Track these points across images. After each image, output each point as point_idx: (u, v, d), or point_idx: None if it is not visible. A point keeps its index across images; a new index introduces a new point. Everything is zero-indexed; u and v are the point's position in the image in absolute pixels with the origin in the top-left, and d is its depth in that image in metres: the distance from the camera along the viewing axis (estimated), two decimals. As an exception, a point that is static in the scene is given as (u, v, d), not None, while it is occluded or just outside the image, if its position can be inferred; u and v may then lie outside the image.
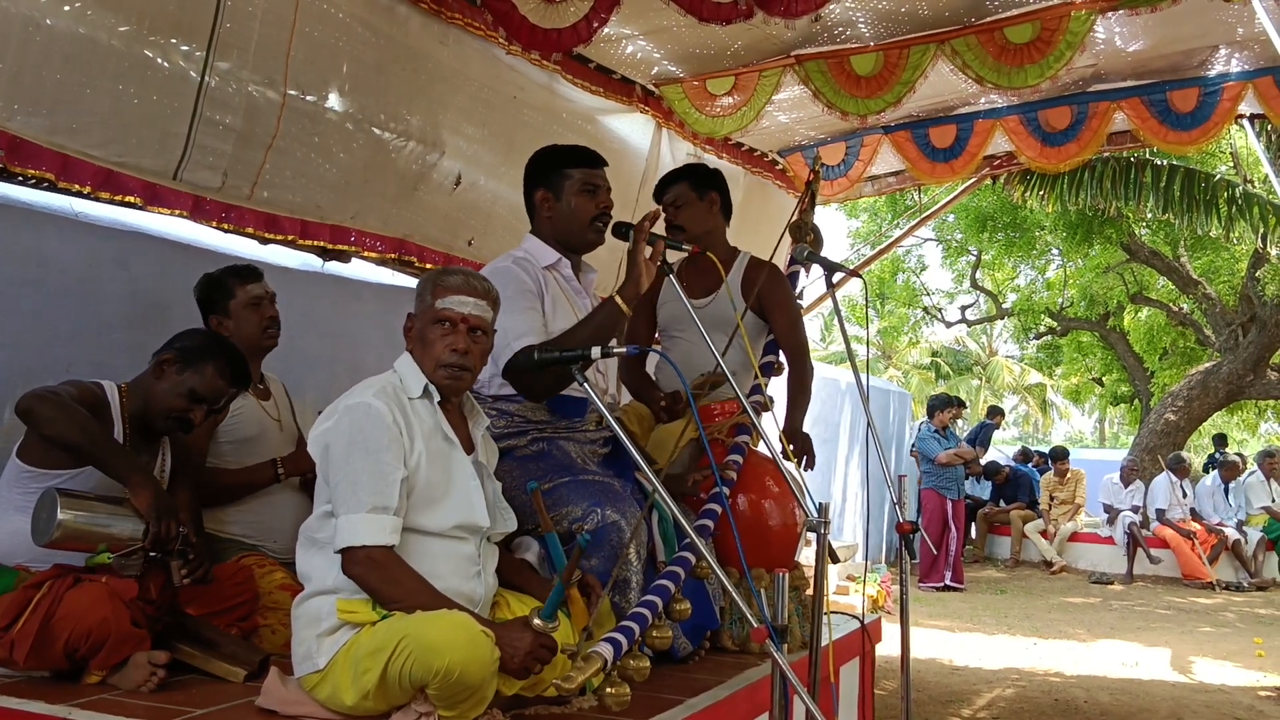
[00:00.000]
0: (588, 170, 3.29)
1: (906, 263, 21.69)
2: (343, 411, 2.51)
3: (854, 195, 7.58)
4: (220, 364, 3.00)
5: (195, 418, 3.01)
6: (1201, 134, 6.06)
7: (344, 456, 2.46)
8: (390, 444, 2.47)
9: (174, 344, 3.03)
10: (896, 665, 3.22)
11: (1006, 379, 31.55)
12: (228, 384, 3.03)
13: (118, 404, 2.95)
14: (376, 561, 2.40)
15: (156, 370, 2.99)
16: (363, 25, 4.26)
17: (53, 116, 3.40)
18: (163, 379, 2.97)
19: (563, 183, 3.27)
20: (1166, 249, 14.58)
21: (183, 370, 2.97)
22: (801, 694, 2.04)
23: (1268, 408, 20.50)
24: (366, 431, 2.46)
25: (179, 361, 2.98)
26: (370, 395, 2.52)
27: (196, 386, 2.96)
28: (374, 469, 2.44)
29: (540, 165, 3.33)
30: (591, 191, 3.28)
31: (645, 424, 3.77)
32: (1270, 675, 6.83)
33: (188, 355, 2.98)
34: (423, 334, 2.65)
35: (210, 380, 2.98)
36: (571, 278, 3.32)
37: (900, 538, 3.09)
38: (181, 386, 2.96)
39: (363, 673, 2.33)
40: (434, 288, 2.66)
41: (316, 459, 2.54)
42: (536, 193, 3.30)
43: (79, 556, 2.79)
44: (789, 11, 4.12)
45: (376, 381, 2.60)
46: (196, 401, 2.98)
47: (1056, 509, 13.05)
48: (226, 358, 3.03)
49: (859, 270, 6.79)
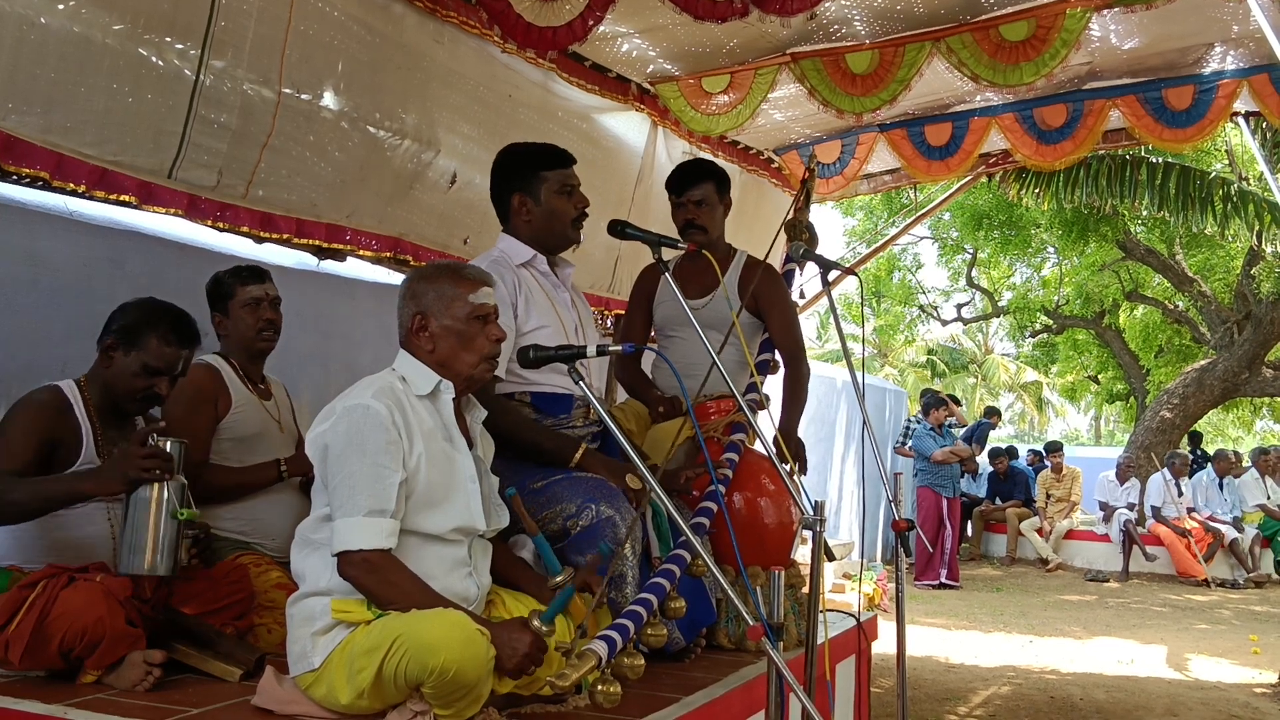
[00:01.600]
0: (562, 171, 3.31)
1: (902, 261, 21.68)
2: (341, 413, 2.49)
3: (850, 193, 7.58)
4: (161, 332, 2.93)
5: (160, 388, 2.95)
6: (1197, 131, 6.07)
7: (341, 458, 2.44)
8: (388, 446, 2.45)
9: (111, 326, 2.97)
10: (892, 663, 3.22)
11: (1002, 377, 31.59)
12: (178, 347, 2.95)
13: (80, 401, 2.92)
14: (373, 564, 2.40)
15: (104, 358, 2.95)
16: (358, 23, 4.25)
17: (47, 115, 3.39)
18: (112, 364, 2.93)
19: (539, 186, 3.28)
20: (1162, 247, 14.59)
21: (128, 350, 2.92)
22: (797, 692, 2.04)
23: (1263, 405, 20.54)
24: (364, 433, 2.44)
25: (121, 344, 2.92)
26: (369, 396, 2.49)
27: (148, 361, 2.91)
28: (372, 472, 2.42)
29: (511, 167, 3.34)
30: (569, 193, 3.31)
31: (642, 422, 3.77)
32: (1266, 672, 6.84)
33: (127, 334, 2.92)
34: (458, 331, 2.62)
35: (157, 351, 2.92)
36: (548, 272, 3.35)
37: (896, 535, 3.09)
38: (133, 366, 2.91)
39: (358, 671, 2.33)
40: (457, 283, 2.64)
41: (314, 460, 2.52)
42: (513, 196, 3.32)
43: (74, 556, 2.80)
44: (784, 9, 4.12)
45: (375, 381, 2.57)
46: (154, 375, 2.92)
47: (1052, 507, 13.07)
48: (167, 323, 2.95)
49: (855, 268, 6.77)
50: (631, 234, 3.25)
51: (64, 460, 2.86)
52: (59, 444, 2.86)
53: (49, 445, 2.84)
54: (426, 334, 2.64)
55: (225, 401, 3.46)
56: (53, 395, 2.90)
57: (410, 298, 2.67)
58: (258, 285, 3.58)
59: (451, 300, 2.63)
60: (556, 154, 3.34)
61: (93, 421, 2.92)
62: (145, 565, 2.62)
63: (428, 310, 2.64)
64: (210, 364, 3.49)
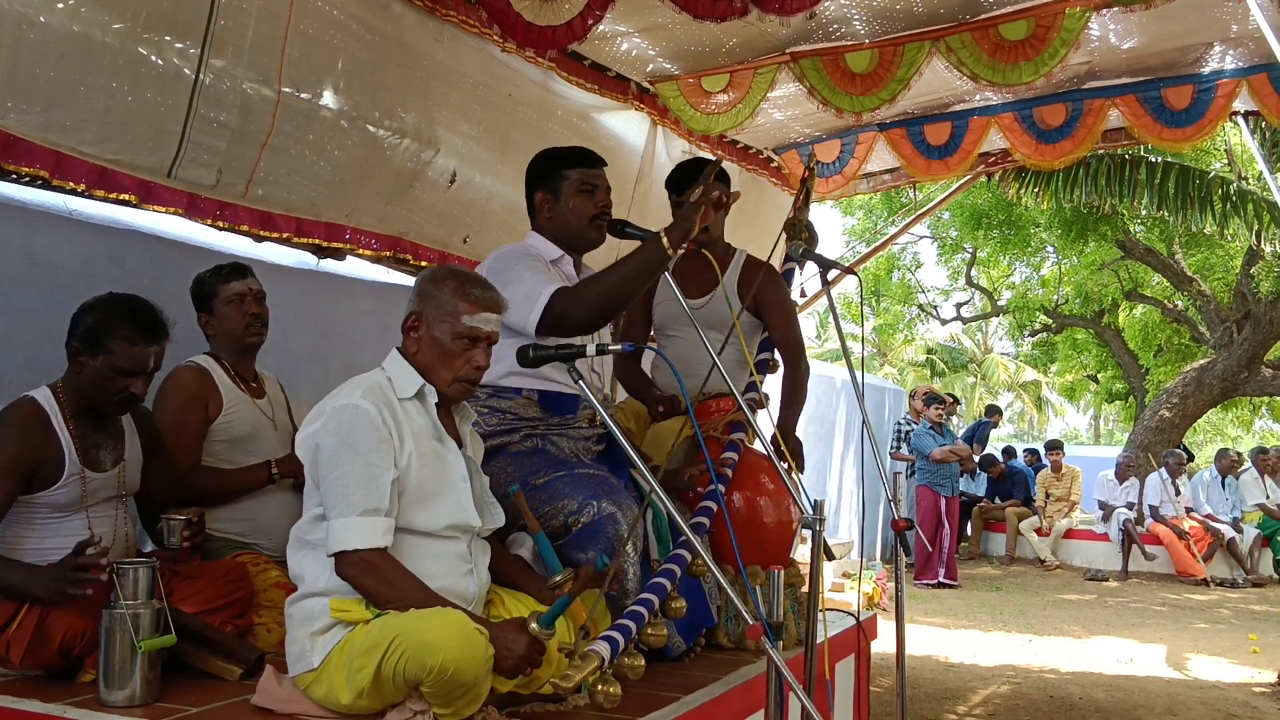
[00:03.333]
0: (585, 170, 3.30)
1: (902, 260, 21.68)
2: (330, 413, 2.48)
3: (849, 192, 7.59)
4: (126, 332, 2.82)
5: (135, 389, 2.87)
6: (1196, 131, 6.07)
7: (333, 459, 2.44)
8: (379, 444, 2.45)
9: (75, 330, 2.87)
10: (892, 662, 3.22)
11: (1002, 376, 31.58)
12: (144, 345, 2.85)
13: (57, 411, 2.85)
14: (370, 564, 2.40)
15: (74, 365, 2.87)
16: (358, 22, 4.25)
17: (47, 114, 3.39)
18: (83, 371, 2.85)
19: (561, 184, 3.28)
20: (1161, 246, 14.60)
21: (94, 355, 2.82)
22: (797, 691, 2.04)
23: (1262, 404, 20.54)
24: (355, 433, 2.44)
25: (87, 350, 2.83)
26: (358, 396, 2.49)
27: (117, 364, 2.82)
28: (364, 471, 2.42)
29: (539, 167, 3.35)
30: (590, 191, 3.29)
31: (641, 422, 3.78)
32: (1265, 671, 6.85)
33: (91, 340, 2.83)
34: (443, 345, 2.60)
35: (125, 353, 2.82)
36: (574, 275, 3.33)
37: (895, 535, 3.10)
38: (103, 370, 2.82)
39: (357, 671, 2.33)
40: (461, 298, 2.60)
41: (305, 461, 2.52)
42: (536, 194, 3.33)
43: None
44: (784, 9, 4.12)
45: (364, 381, 2.57)
46: (127, 376, 2.84)
47: (1052, 506, 13.06)
48: (129, 322, 2.84)
49: (854, 267, 6.78)
50: (631, 233, 3.25)
51: (46, 480, 2.80)
52: (40, 466, 2.78)
53: (29, 473, 2.76)
54: (415, 335, 2.63)
55: (216, 403, 3.42)
56: (29, 411, 2.81)
57: (417, 295, 2.65)
58: (240, 281, 3.55)
59: (448, 314, 2.60)
60: (583, 154, 3.34)
61: (72, 431, 2.85)
62: (121, 699, 2.52)
63: (424, 313, 2.63)
64: (200, 365, 3.46)
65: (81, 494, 2.85)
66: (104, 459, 2.93)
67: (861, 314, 5.88)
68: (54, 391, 2.88)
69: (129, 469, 3.01)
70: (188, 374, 3.41)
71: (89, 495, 2.87)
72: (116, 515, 2.98)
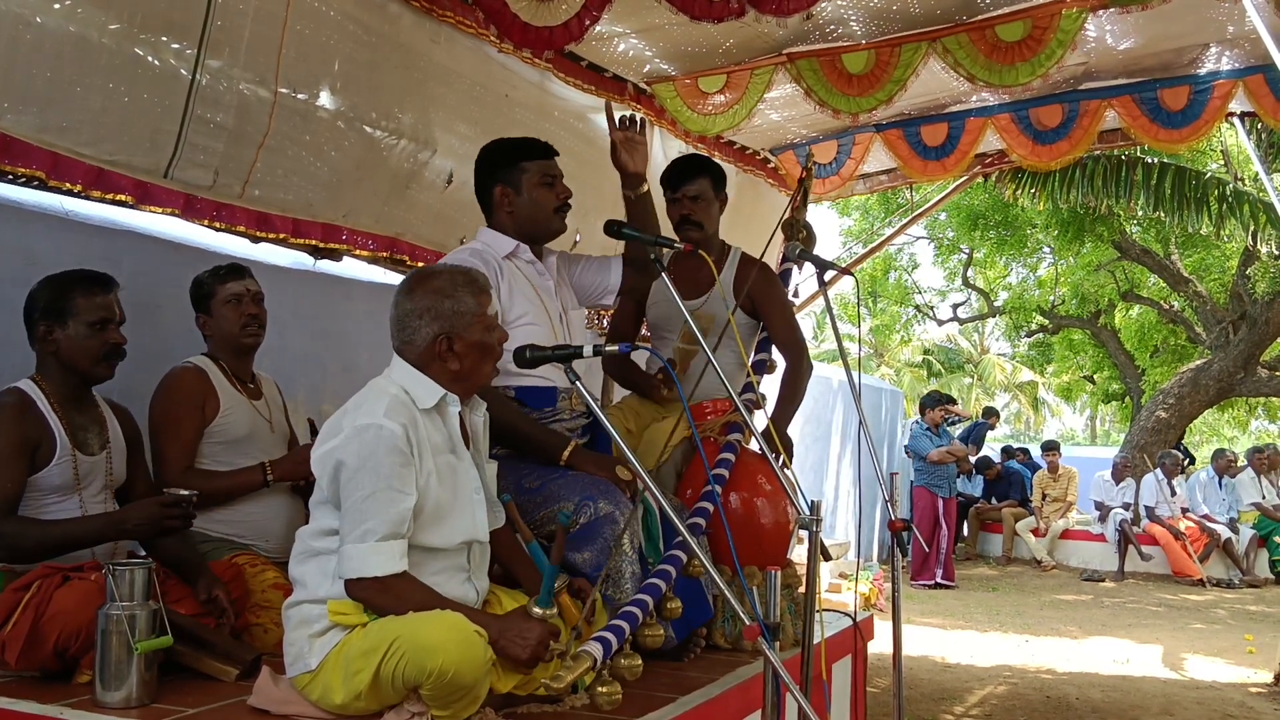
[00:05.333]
0: (543, 162, 3.33)
1: (898, 261, 21.73)
2: (353, 432, 2.41)
3: (846, 193, 7.59)
4: (82, 288, 2.94)
5: (116, 337, 2.98)
6: (1192, 132, 6.08)
7: (354, 481, 2.38)
8: (402, 470, 2.39)
9: (33, 315, 2.96)
10: (889, 663, 3.22)
11: (998, 377, 31.57)
12: (105, 292, 2.98)
13: (42, 398, 2.92)
14: (386, 585, 2.37)
15: (48, 345, 2.95)
16: (354, 23, 4.25)
17: (43, 115, 3.39)
18: (60, 345, 2.93)
19: (520, 177, 3.30)
20: (1157, 247, 14.62)
21: (64, 323, 2.92)
22: (794, 691, 2.04)
23: (1258, 405, 20.55)
24: (379, 456, 2.37)
25: (54, 321, 2.93)
26: (381, 414, 2.41)
27: (88, 319, 2.92)
28: (385, 496, 2.37)
29: (493, 160, 3.35)
30: (550, 183, 3.32)
31: (641, 423, 3.77)
32: (1261, 671, 6.86)
33: (53, 310, 2.93)
34: (482, 345, 2.57)
35: (89, 305, 2.93)
36: (533, 259, 3.37)
37: (892, 535, 3.10)
38: (80, 332, 2.92)
39: (354, 673, 2.33)
40: (475, 293, 2.57)
41: (323, 477, 2.45)
42: (495, 188, 3.33)
43: (67, 556, 2.80)
44: (781, 10, 4.12)
45: (384, 396, 2.48)
46: (103, 327, 2.94)
47: (1048, 506, 13.07)
48: (79, 281, 2.97)
49: (851, 268, 6.78)
50: (628, 234, 3.25)
51: (42, 459, 2.87)
52: (38, 445, 2.87)
53: (31, 450, 2.85)
54: (453, 354, 2.55)
55: (213, 404, 3.40)
56: (18, 396, 2.90)
57: (432, 317, 2.54)
58: (237, 281, 3.55)
59: (475, 316, 2.56)
60: (537, 146, 3.35)
61: (59, 415, 2.93)
62: (117, 700, 2.52)
63: (453, 330, 2.53)
64: (197, 366, 3.44)
65: (74, 476, 2.91)
66: (91, 442, 3.01)
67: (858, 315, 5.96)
68: (35, 382, 2.96)
69: (114, 455, 3.07)
70: (185, 374, 3.40)
71: (81, 479, 2.94)
72: (107, 508, 3.01)
